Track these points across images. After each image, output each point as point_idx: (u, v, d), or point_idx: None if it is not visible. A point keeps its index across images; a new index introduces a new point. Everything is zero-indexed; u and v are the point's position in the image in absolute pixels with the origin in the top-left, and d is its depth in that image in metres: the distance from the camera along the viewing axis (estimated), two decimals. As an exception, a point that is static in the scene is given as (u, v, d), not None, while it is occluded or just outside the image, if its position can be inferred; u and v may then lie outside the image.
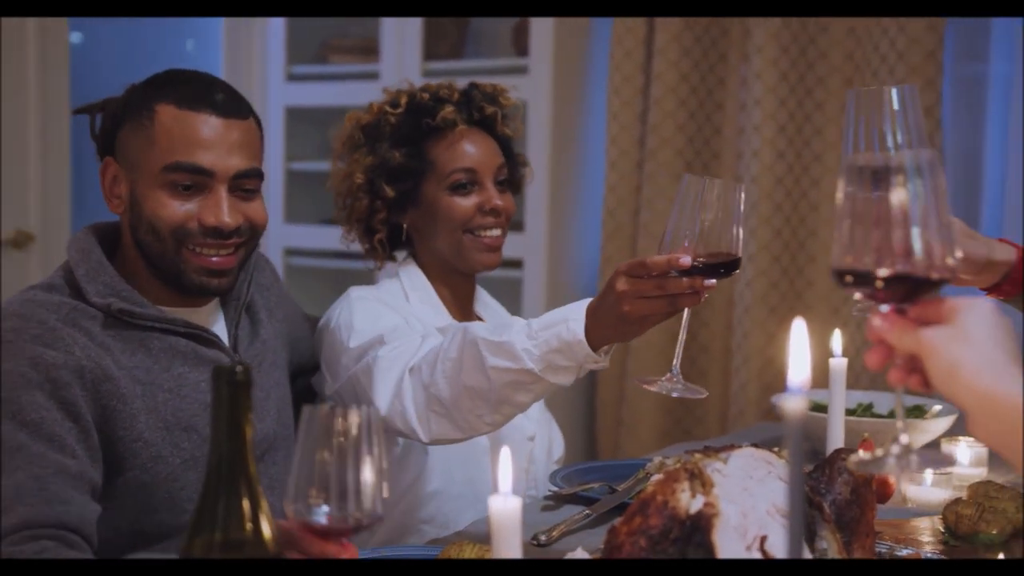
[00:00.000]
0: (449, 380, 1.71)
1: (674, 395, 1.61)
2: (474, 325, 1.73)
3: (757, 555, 1.21)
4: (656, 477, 1.86)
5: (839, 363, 1.84)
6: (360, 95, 3.72)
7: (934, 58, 2.93)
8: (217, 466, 1.00)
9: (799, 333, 0.84)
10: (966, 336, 0.99)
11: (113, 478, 1.58)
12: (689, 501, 1.22)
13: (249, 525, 0.99)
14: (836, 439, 1.84)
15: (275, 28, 3.88)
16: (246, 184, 1.70)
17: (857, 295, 1.08)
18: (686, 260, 1.52)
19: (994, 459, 2.00)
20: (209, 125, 1.66)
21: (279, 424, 1.82)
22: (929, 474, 1.84)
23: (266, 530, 1.00)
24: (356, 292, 2.03)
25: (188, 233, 1.65)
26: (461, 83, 2.14)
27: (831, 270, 1.10)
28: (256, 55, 3.94)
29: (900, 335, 1.03)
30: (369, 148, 2.08)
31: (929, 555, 1.44)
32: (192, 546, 0.99)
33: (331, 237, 3.83)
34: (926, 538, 1.66)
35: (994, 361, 0.97)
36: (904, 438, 1.13)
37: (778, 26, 3.10)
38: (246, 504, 1.00)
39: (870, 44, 3.03)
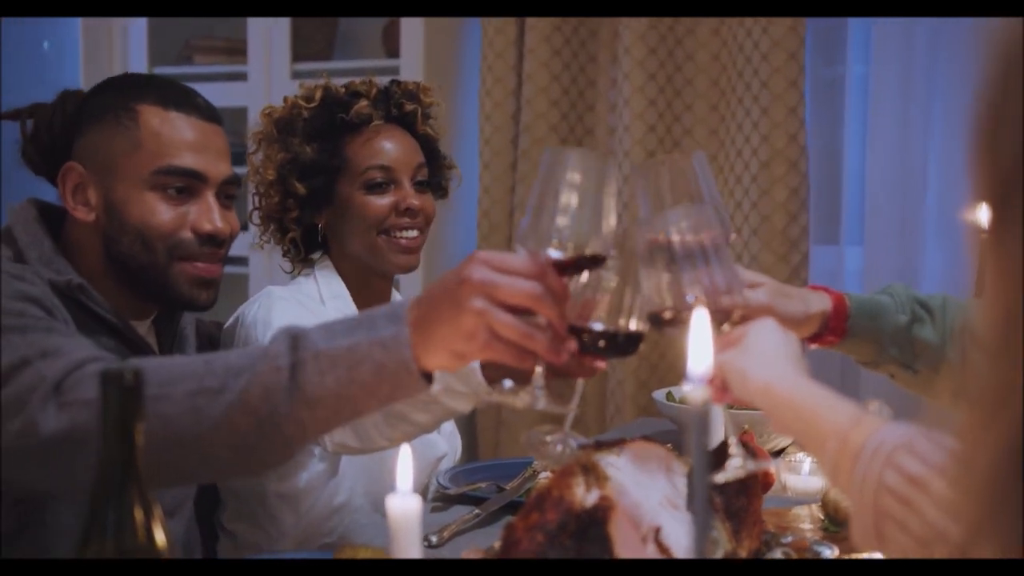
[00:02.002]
0: None
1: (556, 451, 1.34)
2: None
3: (652, 546, 1.23)
4: (544, 475, 1.88)
5: (718, 357, 1.88)
6: (228, 96, 3.65)
7: (796, 60, 3.01)
8: (107, 474, 0.96)
9: (700, 322, 0.85)
10: (749, 350, 1.19)
11: None
12: (584, 495, 1.23)
13: (142, 533, 0.96)
14: (717, 431, 1.88)
15: (136, 28, 3.78)
16: (230, 191, 1.67)
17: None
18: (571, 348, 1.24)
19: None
20: (197, 128, 1.63)
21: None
22: (807, 464, 1.89)
23: (159, 538, 0.97)
24: (276, 291, 1.97)
25: (180, 242, 1.61)
26: (382, 80, 2.09)
27: (647, 314, 1.26)
28: (117, 56, 3.83)
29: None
30: (282, 143, 2.00)
31: (812, 540, 1.48)
32: (83, 555, 0.95)
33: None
34: (806, 525, 1.70)
35: (772, 364, 1.17)
36: (738, 452, 1.31)
37: (645, 27, 3.15)
38: (138, 513, 0.96)
39: (735, 45, 3.10)
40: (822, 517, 1.68)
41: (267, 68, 3.55)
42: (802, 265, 3.04)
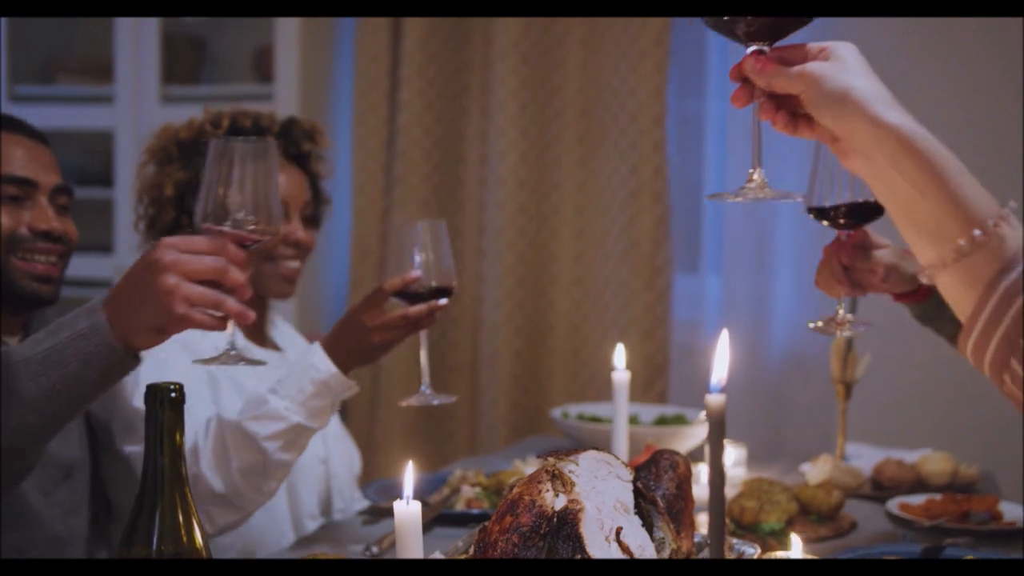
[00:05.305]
0: (217, 471, 1.76)
1: (434, 403, 1.79)
2: (223, 417, 1.78)
3: (615, 545, 1.34)
4: (467, 488, 1.97)
5: (622, 376, 2.00)
6: (93, 119, 3.61)
7: (659, 96, 3.21)
8: (152, 479, 1.02)
9: (723, 343, 0.98)
10: (850, 68, 1.02)
11: None
12: (553, 499, 1.34)
13: (184, 536, 1.02)
14: (621, 447, 2.00)
15: (-6, 44, 3.71)
16: (60, 200, 1.86)
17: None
18: (416, 273, 1.72)
19: (751, 458, 2.23)
20: (26, 147, 1.84)
21: (80, 448, 1.86)
22: (704, 473, 2.04)
23: (199, 540, 1.03)
24: None
25: (19, 239, 1.77)
26: (281, 115, 2.18)
27: None
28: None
29: (769, 76, 1.06)
30: (183, 163, 2.08)
31: (735, 541, 1.61)
32: (129, 557, 1.01)
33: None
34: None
35: (881, 94, 1.01)
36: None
37: (517, 60, 3.29)
38: (180, 516, 1.03)
39: (604, 82, 3.27)
40: (728, 521, 1.82)
41: (135, 91, 3.53)
42: (666, 292, 3.22)
